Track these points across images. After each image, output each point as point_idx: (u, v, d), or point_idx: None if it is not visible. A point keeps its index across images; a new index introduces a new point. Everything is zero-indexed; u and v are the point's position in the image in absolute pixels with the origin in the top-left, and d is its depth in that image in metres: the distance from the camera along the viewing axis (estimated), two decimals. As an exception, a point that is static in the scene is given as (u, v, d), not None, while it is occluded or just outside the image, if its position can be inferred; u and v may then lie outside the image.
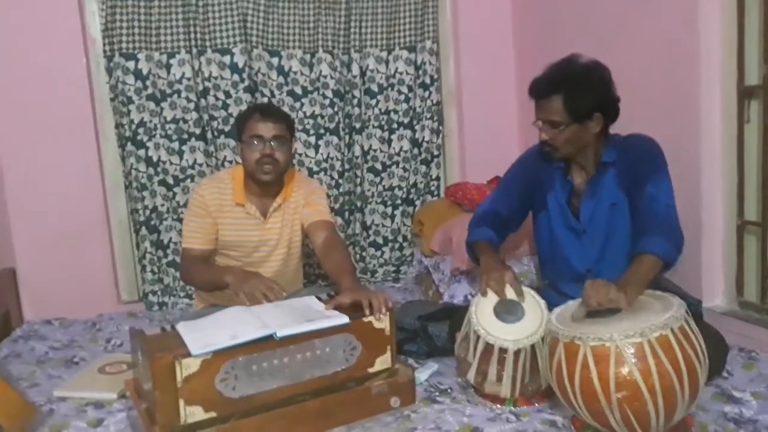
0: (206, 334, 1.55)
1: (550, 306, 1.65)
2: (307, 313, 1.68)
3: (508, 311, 1.68)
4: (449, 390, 1.82)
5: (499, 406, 1.68)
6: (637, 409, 1.34)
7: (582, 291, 1.53)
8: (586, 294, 1.49)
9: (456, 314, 1.92)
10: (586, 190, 1.86)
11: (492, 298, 1.71)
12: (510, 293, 1.71)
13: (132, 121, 2.86)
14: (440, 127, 3.29)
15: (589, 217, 1.86)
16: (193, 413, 1.47)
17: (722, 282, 2.15)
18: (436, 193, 3.34)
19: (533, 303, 1.69)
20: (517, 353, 1.61)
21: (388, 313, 1.70)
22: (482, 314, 1.68)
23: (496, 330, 1.64)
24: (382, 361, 1.70)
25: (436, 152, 3.30)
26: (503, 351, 1.61)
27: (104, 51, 2.82)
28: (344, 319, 1.63)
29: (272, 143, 2.00)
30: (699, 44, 2.06)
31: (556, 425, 1.57)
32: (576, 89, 1.74)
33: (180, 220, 2.95)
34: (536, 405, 1.67)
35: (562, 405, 1.53)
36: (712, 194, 2.11)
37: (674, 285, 1.92)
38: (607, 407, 1.35)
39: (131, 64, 2.83)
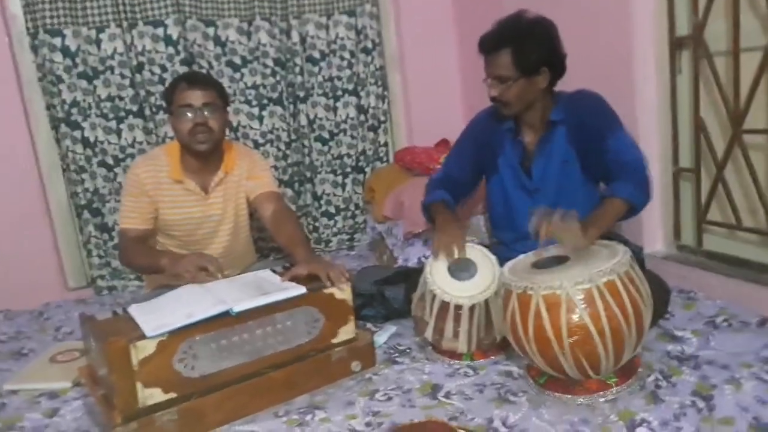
0: (160, 314, 1.53)
1: (502, 263, 1.69)
2: (263, 287, 1.67)
3: (461, 269, 1.72)
4: (408, 350, 1.86)
5: (457, 361, 1.73)
6: (588, 353, 1.40)
7: (536, 246, 1.58)
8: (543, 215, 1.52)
9: (412, 276, 1.94)
10: (537, 149, 1.90)
11: (446, 258, 1.74)
12: (463, 252, 1.74)
13: (64, 101, 2.74)
14: (385, 93, 3.27)
15: (540, 175, 1.90)
16: (152, 395, 1.45)
17: (661, 228, 2.25)
18: (385, 159, 3.34)
19: (485, 259, 1.73)
20: (471, 309, 1.65)
21: (348, 282, 1.71)
22: (437, 273, 1.71)
23: (450, 288, 1.68)
24: (346, 331, 1.72)
25: (382, 118, 3.29)
26: (458, 308, 1.65)
27: (27, 28, 2.67)
28: (301, 290, 1.64)
29: (204, 111, 1.93)
30: (631, -3, 2.10)
31: (512, 375, 1.63)
32: (524, 43, 1.76)
33: (123, 201, 2.87)
34: (492, 357, 1.73)
35: (517, 356, 1.60)
36: (649, 143, 2.18)
37: (617, 234, 1.99)
38: (560, 352, 1.41)
39: (58, 41, 2.69)
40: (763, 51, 1.81)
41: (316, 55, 3.11)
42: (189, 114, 1.93)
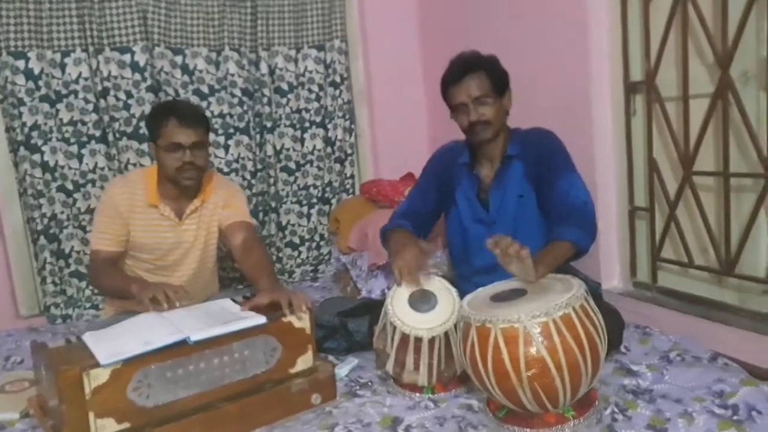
0: (116, 343, 1.50)
1: (463, 296, 1.70)
2: (223, 316, 1.66)
3: (421, 301, 1.73)
4: (369, 383, 1.85)
5: (418, 394, 1.73)
6: (546, 386, 1.42)
7: (493, 279, 1.60)
8: (499, 240, 1.53)
9: (375, 309, 1.94)
10: (494, 182, 1.95)
11: (407, 289, 1.75)
12: (424, 282, 1.75)
13: (24, 124, 2.69)
14: (352, 126, 3.31)
15: (497, 207, 1.94)
16: (105, 426, 1.42)
17: (618, 264, 2.31)
18: (351, 190, 3.36)
19: (445, 291, 1.75)
20: (431, 341, 1.66)
21: (308, 311, 1.70)
22: (398, 305, 1.72)
23: (411, 320, 1.68)
24: (304, 361, 1.71)
25: (349, 150, 3.32)
26: (418, 340, 1.66)
27: (-11, 49, 2.63)
28: (261, 320, 1.62)
29: (192, 151, 1.94)
30: (589, 42, 2.20)
31: (472, 409, 1.63)
32: (493, 66, 1.89)
33: (82, 228, 2.81)
34: (453, 391, 1.73)
35: (478, 389, 1.60)
36: (606, 183, 2.26)
37: (575, 269, 2.03)
38: (518, 385, 1.43)
39: (21, 63, 2.66)
40: (711, 98, 1.91)
41: (285, 86, 3.14)
42: (178, 152, 1.93)
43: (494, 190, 1.94)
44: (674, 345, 1.88)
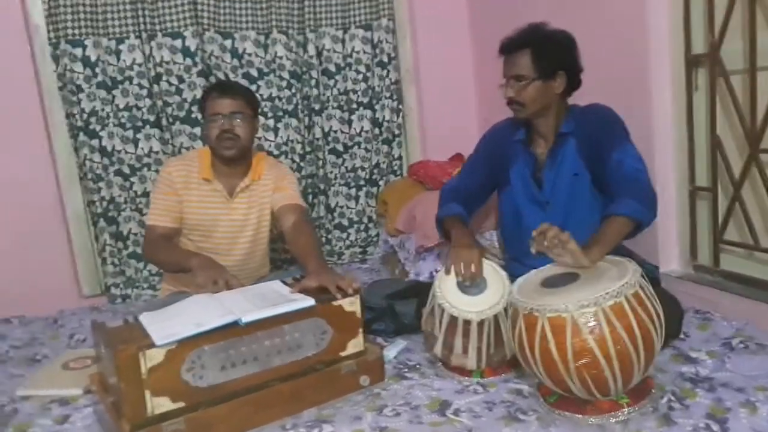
0: (170, 323, 1.53)
1: (514, 279, 1.67)
2: (272, 298, 1.67)
3: (471, 284, 1.71)
4: (418, 366, 1.84)
5: (466, 378, 1.72)
6: (595, 376, 1.38)
7: (546, 262, 1.56)
8: (546, 230, 1.51)
9: (423, 291, 1.93)
10: (547, 161, 1.89)
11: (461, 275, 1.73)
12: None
13: (83, 110, 2.78)
14: (400, 106, 3.28)
15: (551, 187, 1.88)
16: (161, 404, 1.45)
17: (677, 247, 2.22)
18: (398, 172, 3.34)
19: (495, 275, 1.72)
20: (480, 324, 1.64)
21: (357, 294, 1.70)
22: (446, 288, 1.70)
23: (459, 303, 1.66)
24: (354, 344, 1.71)
25: (397, 131, 3.29)
26: (467, 323, 1.64)
27: (49, 38, 2.71)
28: (310, 302, 1.63)
29: (231, 119, 2.01)
30: (648, 15, 2.10)
31: (522, 394, 1.61)
32: (543, 46, 1.81)
33: (139, 210, 2.90)
34: (503, 375, 1.71)
35: (528, 373, 1.57)
36: (665, 162, 2.17)
37: (632, 252, 1.97)
38: (566, 375, 1.39)
39: (78, 51, 2.74)
40: (781, 70, 1.80)
41: (332, 68, 3.13)
42: (217, 122, 2.00)
43: (548, 169, 1.88)
44: (737, 331, 1.80)
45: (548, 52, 1.80)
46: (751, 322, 1.83)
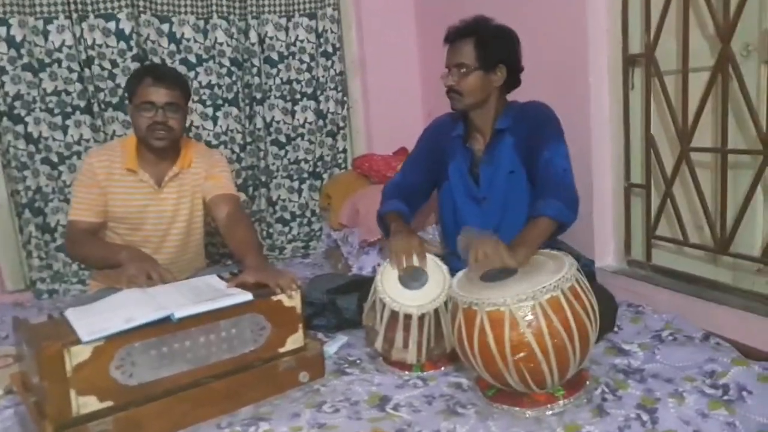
0: (98, 319, 1.46)
1: (454, 273, 1.68)
2: (208, 293, 1.62)
3: (412, 278, 1.70)
4: (358, 361, 1.82)
5: (406, 372, 1.71)
6: (532, 369, 1.39)
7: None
8: (473, 253, 1.52)
9: (365, 286, 1.91)
10: (484, 157, 1.90)
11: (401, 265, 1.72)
12: (415, 261, 1.72)
13: (7, 94, 2.62)
14: (345, 98, 3.24)
15: (488, 184, 1.90)
16: (87, 404, 1.38)
17: (612, 242, 2.28)
18: (343, 165, 3.31)
19: (436, 269, 1.72)
20: (421, 318, 1.63)
21: (297, 290, 1.67)
22: (387, 282, 1.69)
23: (400, 297, 1.65)
24: (294, 340, 1.67)
25: (341, 124, 3.26)
26: (408, 317, 1.63)
27: (-31, 16, 2.55)
28: (247, 297, 1.59)
29: (165, 110, 1.90)
30: (587, 14, 2.13)
31: (462, 387, 1.61)
32: (488, 36, 1.82)
33: (67, 201, 2.75)
34: (442, 369, 1.71)
35: (467, 367, 1.58)
36: (602, 158, 2.22)
37: (569, 246, 2.01)
38: (504, 369, 1.40)
39: (2, 31, 2.58)
40: (710, 71, 1.86)
41: (275, 56, 3.07)
42: (150, 111, 1.90)
43: (485, 165, 1.90)
44: (667, 324, 1.86)
45: (491, 44, 1.81)
46: (680, 315, 1.89)
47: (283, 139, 3.16)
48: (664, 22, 1.99)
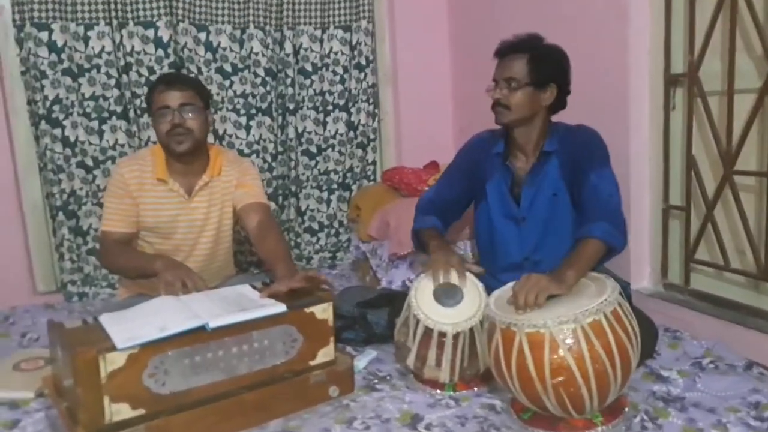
0: (132, 326, 1.46)
1: (488, 292, 1.65)
2: (241, 302, 1.61)
3: (447, 295, 1.68)
4: (388, 377, 1.80)
5: (438, 391, 1.68)
6: (571, 394, 1.36)
7: (519, 276, 1.53)
8: (517, 295, 1.47)
9: (396, 301, 1.90)
10: (528, 178, 1.87)
11: (432, 283, 1.69)
12: (452, 278, 1.70)
13: (46, 98, 2.66)
14: (376, 110, 3.24)
15: (529, 205, 1.86)
16: (119, 411, 1.38)
17: (648, 264, 2.24)
18: (372, 177, 3.30)
19: (472, 287, 1.69)
20: (456, 337, 1.60)
21: (327, 287, 1.68)
22: (422, 298, 1.66)
23: (435, 314, 1.63)
24: (325, 353, 1.65)
25: (372, 136, 3.25)
26: (442, 335, 1.61)
27: (14, 20, 2.59)
28: (281, 308, 1.58)
29: (181, 112, 1.90)
30: (629, 34, 2.11)
31: (495, 409, 1.58)
32: (542, 54, 1.80)
33: (100, 205, 2.77)
34: (475, 389, 1.68)
35: (501, 388, 1.55)
36: (640, 179, 2.18)
37: (604, 267, 1.96)
38: (542, 392, 1.37)
39: (44, 35, 2.62)
40: (757, 93, 1.82)
41: (309, 67, 3.08)
42: (166, 116, 1.90)
43: (527, 186, 1.86)
44: (707, 351, 1.81)
45: (545, 62, 1.79)
46: (720, 343, 1.84)
47: (314, 149, 3.17)
48: (709, 42, 1.95)
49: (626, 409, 1.50)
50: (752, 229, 1.89)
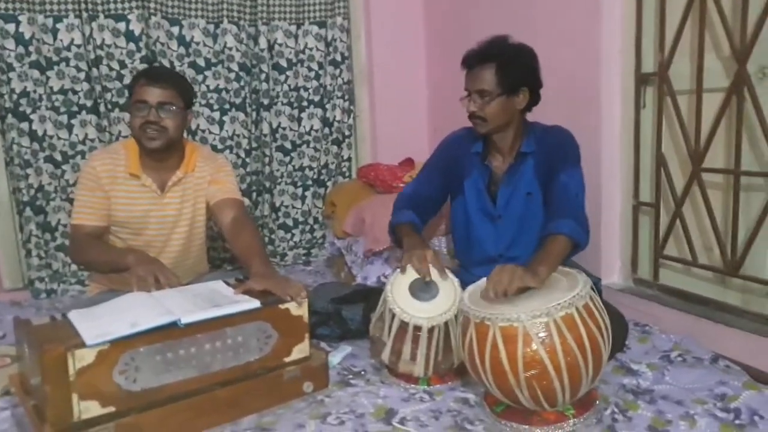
0: (102, 322, 1.44)
1: (462, 286, 1.66)
2: (215, 298, 1.60)
3: (422, 289, 1.68)
4: (363, 372, 1.80)
5: (413, 385, 1.68)
6: (544, 387, 1.37)
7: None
8: (490, 283, 1.49)
9: (371, 296, 1.89)
10: (505, 177, 1.89)
11: (407, 277, 1.70)
12: (432, 273, 1.70)
13: (13, 91, 2.59)
14: (351, 107, 3.23)
15: (505, 204, 1.89)
16: (89, 408, 1.35)
17: (618, 260, 2.27)
18: (347, 174, 3.30)
19: (447, 281, 1.70)
20: (431, 331, 1.61)
21: (305, 299, 1.65)
22: (397, 293, 1.67)
23: (410, 308, 1.63)
24: (300, 350, 1.65)
25: (347, 132, 3.25)
26: (417, 329, 1.61)
27: (-21, 11, 2.53)
28: (255, 304, 1.56)
29: (158, 110, 1.86)
30: (601, 33, 2.14)
31: (468, 403, 1.59)
32: (508, 61, 1.79)
33: (69, 201, 2.72)
34: (449, 383, 1.69)
35: (475, 382, 1.56)
36: (611, 176, 2.21)
37: (575, 263, 1.99)
38: (516, 385, 1.38)
39: (11, 27, 2.56)
40: (725, 92, 1.86)
41: (283, 63, 3.06)
42: (142, 111, 1.86)
43: (504, 186, 1.88)
44: (675, 345, 1.85)
45: (513, 68, 1.79)
46: (688, 336, 1.88)
47: (288, 145, 3.15)
48: (678, 41, 1.99)
49: (597, 402, 1.52)
50: (719, 225, 1.93)
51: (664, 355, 1.79)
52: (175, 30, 2.82)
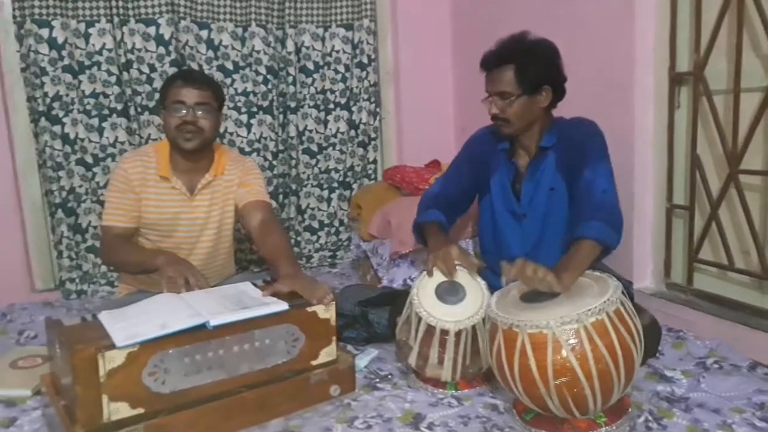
0: (132, 323, 1.44)
1: (489, 289, 1.63)
2: (243, 300, 1.60)
3: (449, 292, 1.66)
4: (390, 376, 1.78)
5: (440, 390, 1.66)
6: (574, 394, 1.34)
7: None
8: (528, 268, 1.45)
9: (397, 299, 1.88)
10: (527, 173, 1.86)
11: (434, 280, 1.68)
12: (455, 275, 1.68)
13: (46, 94, 2.64)
14: (377, 109, 3.23)
15: (528, 200, 1.85)
16: (118, 410, 1.36)
17: (651, 264, 2.22)
18: (373, 176, 3.29)
19: (474, 284, 1.68)
20: (458, 334, 1.59)
21: (333, 302, 1.64)
22: (424, 296, 1.65)
23: (437, 311, 1.62)
24: (327, 353, 1.64)
25: (373, 134, 3.24)
26: (444, 332, 1.59)
27: (14, 16, 2.58)
28: (283, 306, 1.56)
29: (195, 110, 1.89)
30: (634, 31, 2.09)
31: (497, 409, 1.57)
32: (527, 60, 1.75)
33: (100, 203, 2.76)
34: (477, 388, 1.67)
35: (503, 388, 1.53)
36: (643, 178, 2.16)
37: (606, 267, 1.95)
38: (545, 393, 1.35)
39: (45, 32, 2.61)
40: (763, 92, 1.81)
41: (310, 66, 3.06)
42: (179, 111, 1.89)
43: (527, 182, 1.85)
44: (710, 351, 1.80)
45: (532, 67, 1.74)
46: (723, 343, 1.83)
47: (314, 148, 3.16)
48: (715, 40, 1.94)
49: (630, 410, 1.48)
50: (757, 228, 1.88)
51: (699, 361, 1.74)
52: (204, 34, 2.84)
